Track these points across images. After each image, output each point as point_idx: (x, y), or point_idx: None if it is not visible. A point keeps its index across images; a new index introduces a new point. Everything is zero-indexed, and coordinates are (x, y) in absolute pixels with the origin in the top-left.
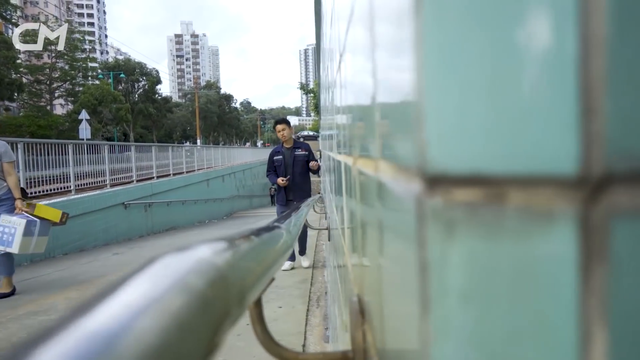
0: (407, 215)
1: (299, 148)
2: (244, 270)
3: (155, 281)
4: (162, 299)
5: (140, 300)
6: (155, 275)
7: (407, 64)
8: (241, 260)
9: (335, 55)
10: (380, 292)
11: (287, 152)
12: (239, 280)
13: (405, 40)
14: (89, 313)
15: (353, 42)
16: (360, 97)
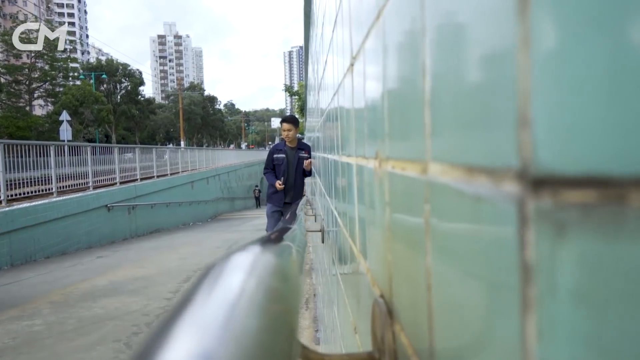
0: (492, 216)
1: (302, 150)
2: (296, 274)
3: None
4: (254, 298)
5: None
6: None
7: (509, 62)
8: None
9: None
10: (426, 293)
11: (290, 152)
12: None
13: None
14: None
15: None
16: (398, 98)
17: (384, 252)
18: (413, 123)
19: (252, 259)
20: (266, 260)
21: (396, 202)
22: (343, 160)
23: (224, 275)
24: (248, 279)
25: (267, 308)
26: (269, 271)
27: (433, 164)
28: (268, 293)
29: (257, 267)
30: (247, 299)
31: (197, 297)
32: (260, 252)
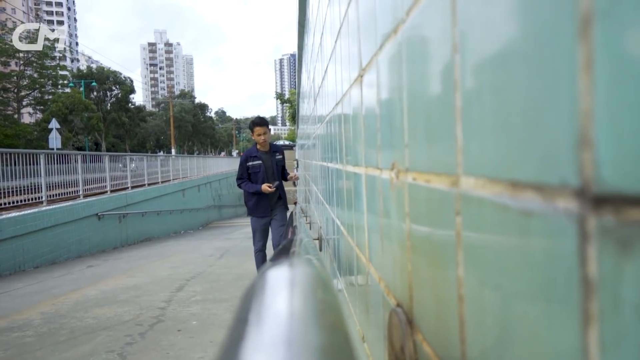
0: (545, 231)
1: (276, 152)
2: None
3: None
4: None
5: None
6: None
7: (568, 82)
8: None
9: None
10: (457, 304)
11: (265, 156)
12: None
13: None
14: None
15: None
16: (421, 112)
17: (403, 262)
18: (441, 137)
19: (289, 274)
20: (302, 273)
21: (418, 214)
22: (348, 170)
23: (268, 294)
24: (293, 294)
25: (322, 320)
26: (310, 283)
27: (465, 177)
28: (317, 305)
29: (296, 281)
30: (301, 314)
31: (250, 319)
32: (292, 266)
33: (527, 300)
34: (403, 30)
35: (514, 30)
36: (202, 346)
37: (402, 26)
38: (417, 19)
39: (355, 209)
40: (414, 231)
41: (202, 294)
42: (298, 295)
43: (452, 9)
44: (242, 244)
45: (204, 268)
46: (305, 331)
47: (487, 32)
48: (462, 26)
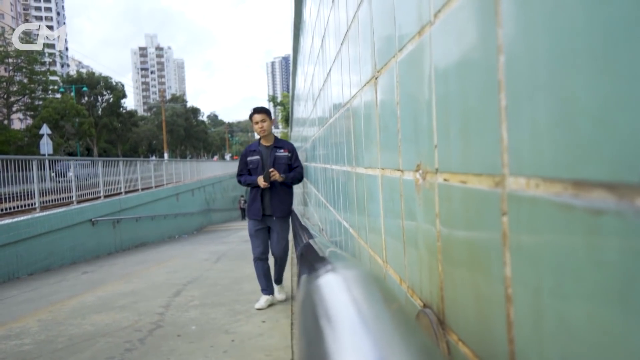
0: (622, 230)
1: (280, 147)
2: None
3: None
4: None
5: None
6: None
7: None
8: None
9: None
10: (504, 304)
11: (265, 150)
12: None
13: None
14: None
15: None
16: (455, 114)
17: (432, 263)
18: (481, 138)
19: (340, 276)
20: (351, 273)
21: (451, 214)
22: (360, 172)
23: (330, 300)
24: (356, 294)
25: (394, 314)
26: (364, 280)
27: (513, 177)
28: (383, 302)
29: (351, 280)
30: (375, 313)
31: (324, 328)
32: (336, 266)
33: (596, 300)
34: (429, 33)
35: (577, 27)
36: (203, 351)
37: (429, 28)
38: (449, 22)
39: (368, 210)
40: (446, 232)
41: (200, 298)
42: (361, 297)
43: (494, 12)
44: (237, 248)
45: (200, 272)
46: (388, 329)
47: (538, 33)
48: (507, 28)
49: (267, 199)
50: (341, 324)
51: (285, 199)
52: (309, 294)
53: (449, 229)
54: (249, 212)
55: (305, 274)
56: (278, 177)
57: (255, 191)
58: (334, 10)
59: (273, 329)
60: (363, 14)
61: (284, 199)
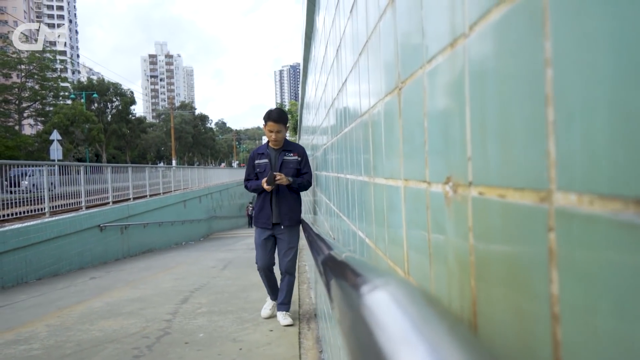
0: None
1: (289, 151)
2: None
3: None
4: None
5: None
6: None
7: None
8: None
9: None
10: (550, 323)
11: (274, 153)
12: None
13: None
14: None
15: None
16: (492, 126)
17: (463, 277)
18: (524, 152)
19: (387, 292)
20: (399, 288)
21: (487, 229)
22: (379, 182)
23: (385, 319)
24: (412, 310)
25: (455, 326)
26: (416, 296)
27: (562, 193)
28: (438, 314)
29: (399, 295)
30: (437, 328)
31: (394, 352)
32: (380, 282)
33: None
34: (464, 45)
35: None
36: (211, 359)
37: (463, 40)
38: (487, 34)
39: (387, 222)
40: (480, 246)
41: (207, 305)
42: (416, 312)
43: (542, 24)
44: (244, 255)
45: (207, 280)
46: (456, 343)
47: (593, 46)
48: (555, 41)
49: (276, 207)
50: (408, 345)
51: (295, 206)
52: (358, 314)
53: (483, 243)
54: (256, 220)
55: (340, 290)
56: (284, 180)
57: (263, 197)
58: (351, 21)
59: (281, 338)
60: (385, 26)
61: (294, 207)
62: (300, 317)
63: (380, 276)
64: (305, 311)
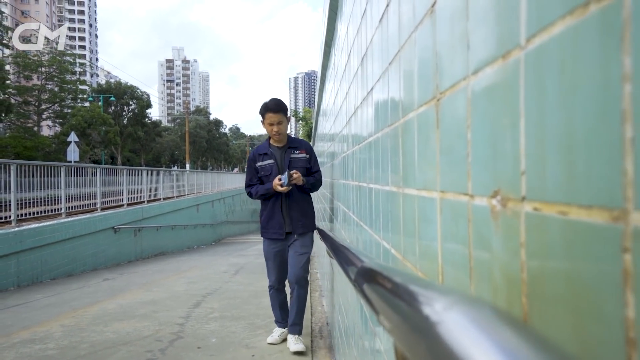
0: None
1: (295, 148)
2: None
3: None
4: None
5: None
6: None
7: None
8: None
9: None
10: (624, 347)
11: (278, 152)
12: None
13: None
14: None
15: None
16: (556, 140)
17: (512, 294)
18: (593, 170)
19: (464, 312)
20: (471, 304)
21: (543, 246)
22: (409, 193)
23: (472, 342)
24: (502, 333)
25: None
26: (493, 314)
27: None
28: (530, 336)
29: (478, 314)
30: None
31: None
32: (445, 299)
33: None
34: (519, 57)
35: None
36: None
37: (518, 53)
38: (549, 47)
39: (419, 233)
40: (534, 264)
41: (219, 310)
42: (505, 332)
43: (620, 39)
44: (256, 261)
45: (219, 284)
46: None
47: None
48: (635, 56)
49: (287, 213)
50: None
51: (308, 211)
52: (435, 338)
53: (538, 260)
54: (266, 230)
55: (392, 307)
56: (301, 180)
57: (272, 203)
58: (380, 31)
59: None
60: (421, 36)
61: (307, 212)
62: (313, 326)
63: (446, 293)
64: (318, 319)
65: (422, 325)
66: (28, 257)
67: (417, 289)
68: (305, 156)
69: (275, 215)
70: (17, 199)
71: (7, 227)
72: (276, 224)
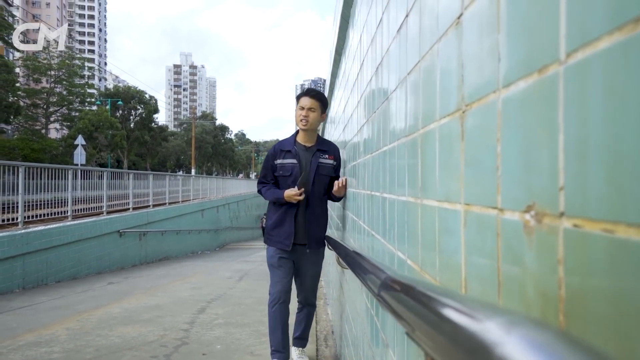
0: None
1: (324, 151)
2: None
3: None
4: None
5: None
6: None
7: None
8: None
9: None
10: None
11: (305, 154)
12: None
13: None
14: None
15: None
16: (598, 155)
17: (547, 310)
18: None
19: (525, 334)
20: (536, 327)
21: (585, 263)
22: (428, 204)
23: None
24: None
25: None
26: (554, 333)
27: None
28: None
29: (542, 337)
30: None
31: None
32: (502, 319)
33: None
34: (558, 71)
35: None
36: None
37: (557, 67)
38: (593, 62)
39: (440, 246)
40: (573, 280)
41: (224, 317)
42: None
43: None
44: (260, 267)
45: (224, 290)
46: None
47: None
48: None
49: (303, 223)
50: None
51: (323, 223)
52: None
53: (579, 278)
54: (270, 237)
55: (436, 325)
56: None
57: (286, 209)
58: (397, 41)
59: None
60: (446, 47)
61: (321, 222)
62: (318, 334)
63: (501, 314)
64: (323, 327)
65: (477, 346)
66: (34, 259)
67: (464, 306)
68: (332, 163)
69: (286, 223)
70: (24, 201)
71: (14, 228)
72: (283, 232)
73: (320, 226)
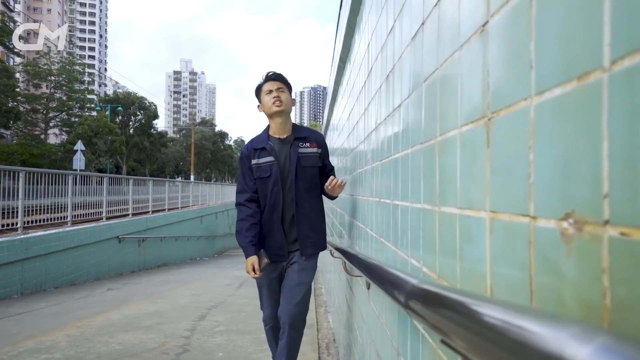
0: None
1: (303, 139)
2: None
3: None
4: None
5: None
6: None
7: None
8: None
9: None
10: None
11: (282, 147)
12: None
13: None
14: None
15: None
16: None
17: (587, 318)
18: None
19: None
20: (615, 340)
21: (633, 273)
22: (448, 211)
23: None
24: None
25: None
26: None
27: None
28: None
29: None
30: None
31: None
32: (572, 330)
33: None
34: (602, 78)
35: None
36: None
37: (600, 74)
38: (638, 70)
39: (461, 254)
40: (620, 290)
41: (225, 324)
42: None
43: None
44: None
45: (224, 297)
46: None
47: None
48: None
49: (290, 227)
50: None
51: (321, 225)
52: None
53: (626, 288)
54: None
55: (492, 339)
56: (339, 188)
57: (270, 212)
58: (412, 48)
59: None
60: (468, 55)
61: (319, 226)
62: (320, 342)
63: (568, 325)
64: (324, 335)
65: (547, 357)
66: (33, 264)
67: (521, 315)
68: (316, 151)
69: (274, 231)
70: (24, 206)
71: (13, 234)
72: (276, 242)
73: (316, 227)
